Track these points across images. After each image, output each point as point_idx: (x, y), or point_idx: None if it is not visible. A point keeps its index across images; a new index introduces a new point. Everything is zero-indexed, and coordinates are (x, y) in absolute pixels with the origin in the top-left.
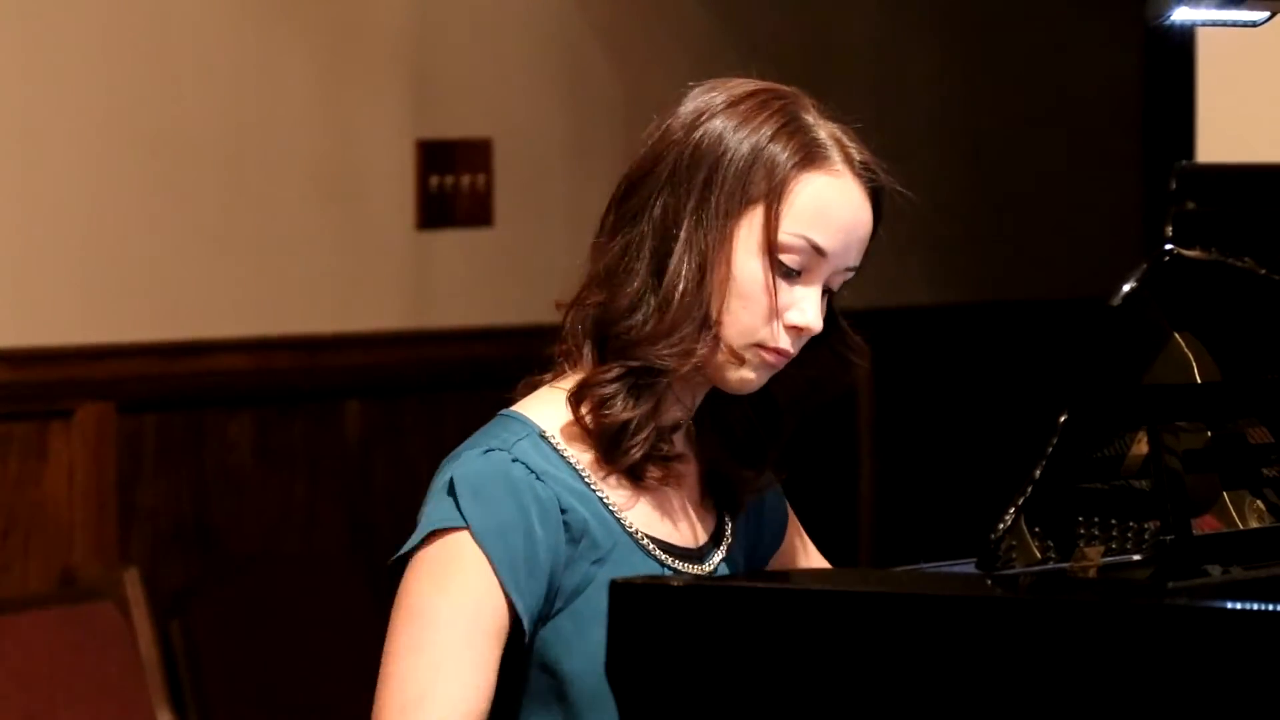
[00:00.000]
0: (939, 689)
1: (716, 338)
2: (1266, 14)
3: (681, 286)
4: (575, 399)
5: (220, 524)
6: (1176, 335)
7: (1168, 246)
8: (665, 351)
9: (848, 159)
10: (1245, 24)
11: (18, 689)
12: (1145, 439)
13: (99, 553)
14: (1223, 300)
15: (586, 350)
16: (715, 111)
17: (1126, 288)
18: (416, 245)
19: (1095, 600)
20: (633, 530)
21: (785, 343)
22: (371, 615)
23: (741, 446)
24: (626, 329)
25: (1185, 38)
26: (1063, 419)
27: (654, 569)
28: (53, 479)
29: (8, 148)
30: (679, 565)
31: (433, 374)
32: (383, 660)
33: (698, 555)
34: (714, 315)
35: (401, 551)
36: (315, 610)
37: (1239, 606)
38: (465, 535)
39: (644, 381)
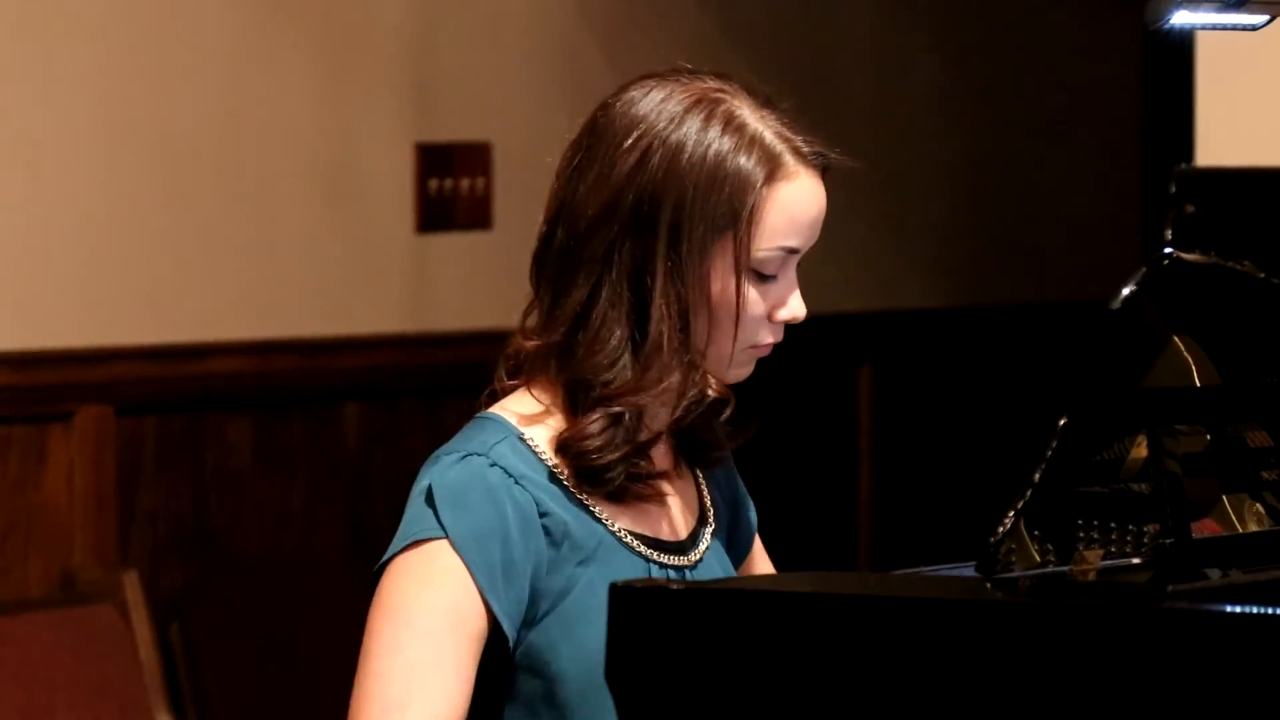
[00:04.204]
0: (938, 693)
1: (703, 370)
2: (1266, 18)
3: (667, 337)
4: (561, 450)
5: (220, 526)
6: (1176, 338)
7: (1167, 249)
8: (648, 399)
9: (798, 154)
10: (1244, 28)
11: (17, 691)
12: (1145, 442)
13: (98, 555)
14: (1222, 303)
15: (558, 391)
16: (660, 137)
17: (1126, 291)
18: (416, 248)
19: (1095, 603)
20: (615, 529)
21: (777, 336)
22: None
23: (708, 409)
24: (607, 382)
25: (1185, 41)
26: (1062, 422)
27: (640, 566)
28: (52, 482)
29: (7, 150)
30: (665, 559)
31: (432, 377)
32: (361, 660)
33: (681, 548)
34: (700, 353)
35: (384, 560)
36: (315, 613)
37: (1238, 610)
38: (444, 544)
39: (628, 423)
